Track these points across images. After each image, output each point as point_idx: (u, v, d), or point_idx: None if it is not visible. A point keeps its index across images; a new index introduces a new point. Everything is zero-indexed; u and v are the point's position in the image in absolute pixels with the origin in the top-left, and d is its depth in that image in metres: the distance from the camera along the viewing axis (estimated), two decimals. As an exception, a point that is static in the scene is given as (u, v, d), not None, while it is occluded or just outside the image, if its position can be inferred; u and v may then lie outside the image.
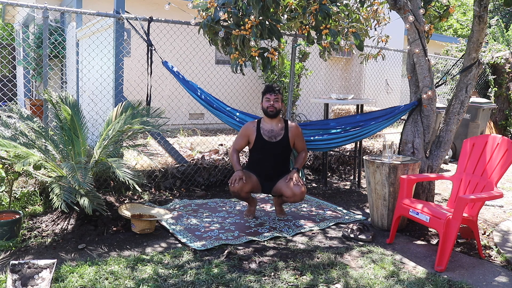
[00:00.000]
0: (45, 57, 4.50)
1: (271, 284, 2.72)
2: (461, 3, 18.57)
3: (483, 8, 3.72)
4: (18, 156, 3.29)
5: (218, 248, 3.28)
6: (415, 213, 3.30)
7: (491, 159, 3.43)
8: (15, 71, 11.80)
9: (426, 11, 4.20)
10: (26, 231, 3.40)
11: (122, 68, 4.64)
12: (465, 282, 2.83)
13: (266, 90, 3.93)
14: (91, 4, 8.07)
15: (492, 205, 4.65)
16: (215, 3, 4.05)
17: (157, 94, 5.85)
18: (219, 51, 4.41)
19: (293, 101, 7.38)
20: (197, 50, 6.50)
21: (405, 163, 3.72)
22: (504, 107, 9.14)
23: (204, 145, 6.06)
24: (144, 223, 3.52)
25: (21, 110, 3.87)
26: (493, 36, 10.27)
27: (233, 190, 3.78)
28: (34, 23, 8.75)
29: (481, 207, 3.31)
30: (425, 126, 4.05)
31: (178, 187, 4.84)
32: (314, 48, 5.26)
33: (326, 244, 3.43)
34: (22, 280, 2.58)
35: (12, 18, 12.23)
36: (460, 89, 3.99)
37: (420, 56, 3.93)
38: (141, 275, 2.78)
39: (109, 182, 4.39)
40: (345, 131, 4.50)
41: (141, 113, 3.89)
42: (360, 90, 10.86)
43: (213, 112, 4.60)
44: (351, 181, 5.63)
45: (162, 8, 4.43)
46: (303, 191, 3.75)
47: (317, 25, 4.04)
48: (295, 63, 5.73)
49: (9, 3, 4.04)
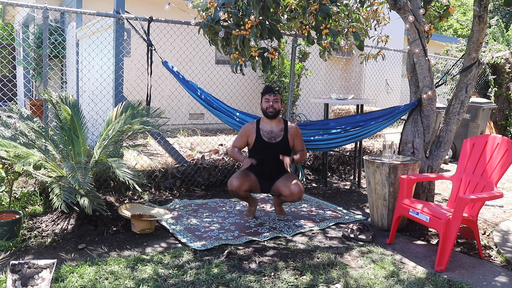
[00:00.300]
0: (45, 57, 4.50)
1: (271, 284, 2.72)
2: (461, 3, 18.57)
3: (483, 8, 3.72)
4: (18, 156, 3.29)
5: (218, 248, 3.28)
6: (415, 213, 3.30)
7: (491, 159, 3.43)
8: (15, 71, 11.80)
9: (426, 11, 4.20)
10: (26, 231, 3.40)
11: (122, 68, 4.64)
12: (465, 282, 2.83)
13: (265, 90, 3.93)
14: (91, 4, 8.07)
15: (492, 205, 4.65)
16: (215, 3, 4.05)
17: (157, 94, 5.85)
18: (219, 51, 4.41)
19: (293, 101, 7.37)
20: (197, 50, 6.50)
21: (405, 163, 3.72)
22: (504, 107, 9.13)
23: (204, 145, 6.06)
24: (144, 223, 3.52)
25: (21, 110, 3.87)
26: (493, 36, 10.28)
27: (231, 189, 3.79)
28: (34, 23, 8.76)
29: (481, 207, 3.31)
30: (425, 126, 4.05)
31: (178, 187, 4.84)
32: (314, 48, 5.26)
33: (326, 244, 3.43)
34: (22, 280, 2.58)
35: (12, 18, 12.23)
36: (460, 89, 3.99)
37: (420, 56, 3.93)
38: (141, 275, 2.78)
39: (109, 182, 4.39)
40: (345, 131, 4.50)
41: (141, 113, 3.89)
42: (360, 90, 10.86)
43: (213, 112, 4.60)
44: (351, 181, 5.63)
45: (162, 8, 4.43)
46: (301, 190, 3.76)
47: (317, 25, 4.04)
48: (295, 63, 5.73)
49: (9, 3, 4.04)
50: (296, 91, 8.53)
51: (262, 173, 3.93)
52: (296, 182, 3.79)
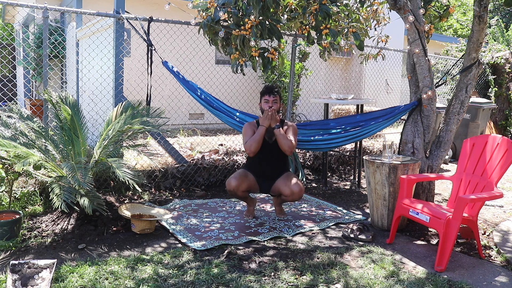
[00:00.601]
0: (45, 57, 4.50)
1: (271, 284, 2.72)
2: (461, 3, 18.57)
3: (483, 8, 3.72)
4: (18, 156, 3.29)
5: (218, 248, 3.28)
6: (415, 213, 3.30)
7: (491, 159, 3.43)
8: (15, 71, 11.80)
9: (426, 11, 4.20)
10: (26, 231, 3.40)
11: (122, 68, 4.64)
12: (465, 282, 2.83)
13: (264, 91, 3.93)
14: (91, 4, 8.07)
15: (492, 205, 4.65)
16: (215, 3, 4.05)
17: (157, 94, 5.85)
18: (219, 51, 4.41)
19: (293, 101, 7.37)
20: (197, 50, 6.50)
21: (405, 163, 3.72)
22: (504, 107, 9.13)
23: (204, 145, 6.06)
24: (144, 223, 3.52)
25: (21, 110, 3.87)
26: (493, 36, 10.28)
27: (229, 189, 3.79)
28: (34, 23, 8.75)
29: (481, 207, 3.31)
30: (425, 126, 4.05)
31: (178, 187, 4.84)
32: (314, 48, 5.26)
33: (326, 244, 3.43)
34: (22, 280, 2.58)
35: (12, 18, 12.23)
36: (460, 89, 3.99)
37: (420, 56, 3.93)
38: (141, 275, 2.78)
39: (109, 182, 4.39)
40: (345, 131, 4.51)
41: (141, 113, 3.89)
42: (360, 90, 10.86)
43: (213, 112, 4.60)
44: (351, 181, 5.63)
45: (162, 8, 4.43)
46: (302, 189, 3.77)
47: (317, 25, 4.04)
48: (295, 63, 5.73)
49: (9, 3, 4.04)
50: (296, 91, 8.53)
51: (261, 173, 3.93)
52: (296, 181, 3.79)
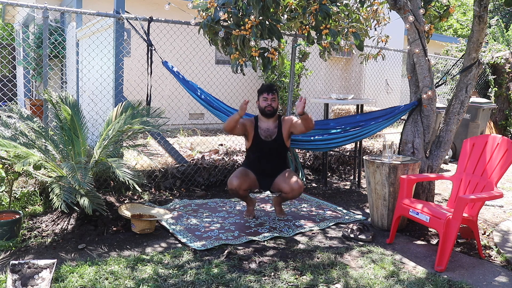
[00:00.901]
0: (45, 57, 4.50)
1: (271, 284, 2.72)
2: (461, 3, 18.57)
3: (483, 8, 3.71)
4: (18, 156, 3.29)
5: (218, 248, 3.28)
6: (415, 213, 3.30)
7: (491, 159, 3.43)
8: (15, 71, 11.80)
9: (426, 11, 4.20)
10: (26, 231, 3.40)
11: (122, 68, 4.64)
12: (465, 282, 2.83)
13: (263, 89, 3.94)
14: (91, 4, 8.06)
15: (492, 205, 4.64)
16: (215, 3, 4.05)
17: (157, 94, 5.85)
18: (219, 51, 4.41)
19: (293, 101, 7.37)
20: (197, 50, 6.50)
21: (405, 163, 3.72)
22: (504, 107, 9.13)
23: (204, 145, 6.06)
24: (144, 223, 3.52)
25: (21, 110, 3.87)
26: (493, 36, 10.27)
27: (231, 188, 3.80)
28: (34, 23, 8.75)
29: (481, 207, 3.31)
30: (425, 126, 4.05)
31: (178, 187, 4.84)
32: (314, 48, 5.26)
33: (326, 244, 3.43)
34: (22, 280, 2.58)
35: (12, 18, 12.23)
36: (460, 89, 3.99)
37: (420, 56, 3.93)
38: (141, 275, 2.78)
39: (109, 182, 4.39)
40: (345, 131, 4.51)
41: (141, 113, 3.89)
42: (360, 90, 10.86)
43: (213, 112, 4.60)
44: (351, 181, 5.63)
45: (162, 8, 4.43)
46: (301, 186, 3.80)
47: (317, 25, 4.04)
48: (295, 63, 5.72)
49: (9, 3, 4.04)
50: (296, 91, 8.52)
51: (261, 171, 3.94)
52: (296, 179, 3.82)
